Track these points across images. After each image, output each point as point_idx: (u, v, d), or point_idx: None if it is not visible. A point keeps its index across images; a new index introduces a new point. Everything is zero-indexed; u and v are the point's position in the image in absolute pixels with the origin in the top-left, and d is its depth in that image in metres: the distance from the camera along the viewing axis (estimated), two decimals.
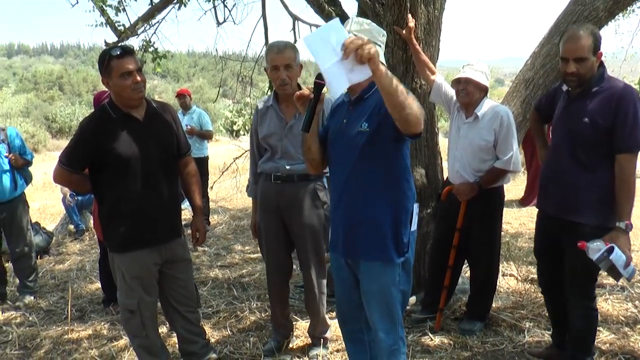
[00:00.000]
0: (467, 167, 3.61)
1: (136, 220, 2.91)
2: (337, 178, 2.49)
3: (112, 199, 2.92)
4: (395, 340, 2.47)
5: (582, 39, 2.74)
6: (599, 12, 3.96)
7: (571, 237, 2.85)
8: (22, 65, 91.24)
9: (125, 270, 2.97)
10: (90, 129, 2.89)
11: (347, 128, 2.41)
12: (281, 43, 3.22)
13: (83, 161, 2.90)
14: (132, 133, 2.88)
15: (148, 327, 3.07)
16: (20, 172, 4.80)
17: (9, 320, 4.43)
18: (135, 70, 2.80)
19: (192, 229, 3.27)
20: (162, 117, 3.05)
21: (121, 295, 3.05)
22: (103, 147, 2.82)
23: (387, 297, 2.43)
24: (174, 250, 3.10)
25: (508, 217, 6.98)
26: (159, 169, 2.95)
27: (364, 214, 2.39)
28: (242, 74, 7.72)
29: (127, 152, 2.84)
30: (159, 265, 3.06)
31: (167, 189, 3.00)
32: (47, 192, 12.37)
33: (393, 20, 3.72)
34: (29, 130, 26.28)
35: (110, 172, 2.88)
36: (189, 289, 3.24)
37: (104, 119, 2.89)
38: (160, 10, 6.61)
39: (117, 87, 2.82)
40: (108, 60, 2.78)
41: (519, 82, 4.32)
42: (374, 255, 2.39)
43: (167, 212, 3.03)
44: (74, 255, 6.48)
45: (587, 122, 2.80)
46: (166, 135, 3.04)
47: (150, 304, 3.07)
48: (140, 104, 2.94)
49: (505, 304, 4.19)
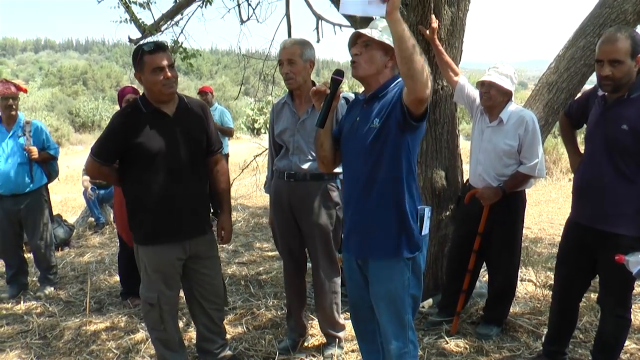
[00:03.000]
0: (490, 171, 3.57)
1: (160, 214, 2.94)
2: (349, 176, 2.51)
3: (138, 192, 2.96)
4: (405, 344, 2.45)
5: (618, 41, 2.66)
6: (627, 15, 3.89)
7: (608, 248, 2.77)
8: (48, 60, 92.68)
9: (148, 263, 3.01)
10: (119, 122, 2.95)
11: (359, 126, 2.42)
12: (291, 39, 3.29)
13: (113, 154, 2.96)
14: (160, 128, 2.92)
15: (166, 321, 3.09)
16: (42, 167, 4.85)
17: (30, 310, 4.51)
18: (166, 67, 2.84)
19: (218, 227, 3.28)
20: (193, 113, 3.07)
21: (143, 287, 3.09)
22: (131, 141, 2.87)
23: (396, 300, 2.42)
24: (199, 246, 3.11)
25: (528, 222, 6.90)
26: (185, 164, 2.97)
27: (373, 213, 2.39)
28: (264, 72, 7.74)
29: (153, 147, 2.88)
30: (183, 260, 3.07)
31: (194, 185, 3.03)
32: (69, 185, 12.54)
33: (417, 20, 3.70)
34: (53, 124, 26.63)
35: (137, 165, 2.93)
36: (215, 285, 3.24)
37: (134, 113, 2.95)
38: (185, 8, 6.66)
39: (148, 82, 2.87)
40: (141, 55, 2.85)
41: (542, 86, 4.27)
42: (381, 254, 2.40)
43: (193, 207, 3.04)
44: (94, 248, 6.57)
45: (625, 130, 2.72)
46: (195, 132, 3.05)
47: (170, 298, 3.09)
48: (172, 99, 2.98)
49: (523, 310, 4.14)
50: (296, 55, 3.16)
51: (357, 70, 2.39)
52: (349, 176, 2.51)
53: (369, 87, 2.44)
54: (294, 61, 3.16)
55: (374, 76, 2.40)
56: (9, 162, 4.64)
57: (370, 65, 2.36)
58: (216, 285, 3.25)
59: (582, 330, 3.78)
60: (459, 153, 4.24)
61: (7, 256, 4.97)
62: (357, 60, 2.37)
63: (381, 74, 2.39)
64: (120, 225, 4.58)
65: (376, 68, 2.37)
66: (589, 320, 3.89)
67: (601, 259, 2.90)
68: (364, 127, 2.38)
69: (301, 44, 3.22)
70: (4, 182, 4.63)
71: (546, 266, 5.16)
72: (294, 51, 3.17)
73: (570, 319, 3.23)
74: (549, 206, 9.20)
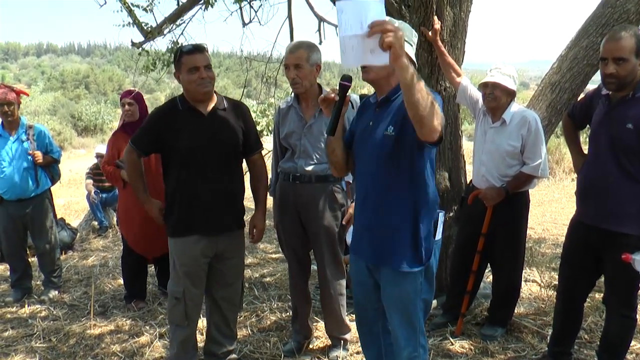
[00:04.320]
0: (493, 172, 3.57)
1: (189, 208, 3.06)
2: (362, 180, 2.47)
3: (171, 186, 3.11)
4: (415, 348, 2.44)
5: (623, 39, 2.66)
6: (630, 14, 3.89)
7: (613, 248, 2.77)
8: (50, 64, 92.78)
9: (177, 257, 3.11)
10: (155, 116, 3.18)
11: (373, 130, 2.37)
12: (296, 43, 3.27)
13: (147, 144, 3.13)
14: (192, 126, 3.04)
15: (191, 318, 3.17)
16: (46, 170, 4.85)
17: (35, 314, 4.51)
18: (202, 67, 2.97)
19: (250, 226, 3.34)
20: (230, 114, 3.16)
21: (171, 281, 3.18)
22: (163, 135, 3.04)
23: (408, 304, 2.40)
24: (227, 244, 3.19)
25: (531, 222, 6.88)
26: (216, 162, 3.07)
27: (387, 220, 2.35)
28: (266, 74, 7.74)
29: (183, 143, 3.01)
30: (209, 259, 3.15)
31: (224, 183, 3.11)
32: (72, 189, 12.57)
33: (419, 22, 3.71)
34: (56, 128, 26.65)
35: (171, 161, 3.09)
36: (234, 287, 3.33)
37: (170, 110, 3.11)
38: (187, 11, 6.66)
39: (184, 82, 3.02)
40: (179, 56, 3.02)
41: (545, 86, 4.27)
42: (395, 263, 2.35)
43: (222, 204, 3.12)
44: (98, 252, 6.57)
45: (630, 129, 2.71)
46: (229, 132, 3.13)
47: (196, 295, 3.17)
48: (208, 98, 3.10)
49: (528, 310, 4.14)
50: (303, 59, 3.15)
51: (368, 73, 2.34)
52: (362, 181, 2.46)
53: (380, 90, 2.40)
54: (301, 66, 3.15)
55: (386, 79, 2.35)
56: (14, 166, 4.62)
57: (381, 68, 2.26)
58: (235, 286, 3.34)
59: (588, 330, 3.77)
60: (462, 154, 4.24)
61: (12, 260, 4.97)
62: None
63: (392, 76, 2.32)
64: (124, 228, 4.59)
65: (387, 71, 2.29)
66: (594, 320, 3.88)
67: (606, 258, 2.89)
68: (379, 133, 2.33)
69: (307, 47, 3.20)
70: (10, 187, 4.62)
71: (550, 266, 5.16)
72: (301, 56, 3.15)
73: (575, 319, 3.22)
74: (552, 206, 9.19)
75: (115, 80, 59.24)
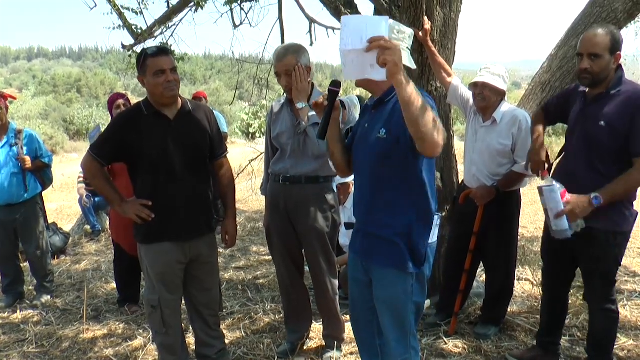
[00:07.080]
0: (484, 171, 3.58)
1: (159, 214, 2.97)
2: (359, 181, 2.49)
3: (140, 192, 3.02)
4: (406, 349, 2.44)
5: (598, 36, 2.74)
6: (618, 13, 3.92)
7: (585, 243, 2.83)
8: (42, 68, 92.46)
9: (149, 265, 3.04)
10: (119, 122, 3.05)
11: (368, 132, 2.39)
12: (283, 49, 3.23)
13: (109, 152, 3.00)
14: (159, 131, 2.96)
15: (168, 325, 3.11)
16: (36, 175, 4.82)
17: (27, 319, 4.48)
18: (168, 69, 2.89)
19: (222, 232, 3.31)
20: (195, 117, 3.10)
21: (146, 289, 3.14)
22: (128, 141, 2.93)
23: (399, 306, 2.40)
24: (200, 249, 3.13)
25: (524, 221, 6.92)
26: (184, 167, 3.00)
27: (381, 221, 2.36)
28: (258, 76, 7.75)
29: (150, 149, 2.92)
30: (184, 264, 3.10)
31: (194, 187, 3.05)
32: (65, 193, 12.50)
33: (409, 22, 3.72)
34: (48, 132, 26.55)
35: (138, 167, 2.99)
36: (212, 292, 3.30)
37: (135, 115, 3.00)
38: (177, 13, 6.66)
39: (150, 85, 2.91)
40: (144, 58, 2.90)
41: (536, 85, 4.29)
42: (387, 264, 2.36)
43: (191, 209, 3.06)
44: (90, 256, 6.54)
45: (603, 126, 2.76)
46: (196, 136, 3.08)
47: (172, 301, 3.11)
48: (173, 102, 3.01)
49: (521, 309, 4.15)
50: (292, 65, 3.13)
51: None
52: (359, 181, 2.49)
53: (373, 93, 2.42)
54: (291, 72, 3.14)
55: (375, 83, 2.30)
56: (2, 172, 4.58)
57: None
58: (213, 292, 3.30)
59: (580, 328, 3.79)
60: (453, 154, 4.25)
61: (3, 265, 4.93)
62: None
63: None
64: (115, 232, 4.57)
65: None
66: (586, 318, 3.89)
67: (579, 253, 2.97)
68: (372, 135, 2.34)
69: (295, 52, 3.18)
70: None
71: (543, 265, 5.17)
72: (289, 62, 3.14)
73: (560, 310, 3.31)
74: None
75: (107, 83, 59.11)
